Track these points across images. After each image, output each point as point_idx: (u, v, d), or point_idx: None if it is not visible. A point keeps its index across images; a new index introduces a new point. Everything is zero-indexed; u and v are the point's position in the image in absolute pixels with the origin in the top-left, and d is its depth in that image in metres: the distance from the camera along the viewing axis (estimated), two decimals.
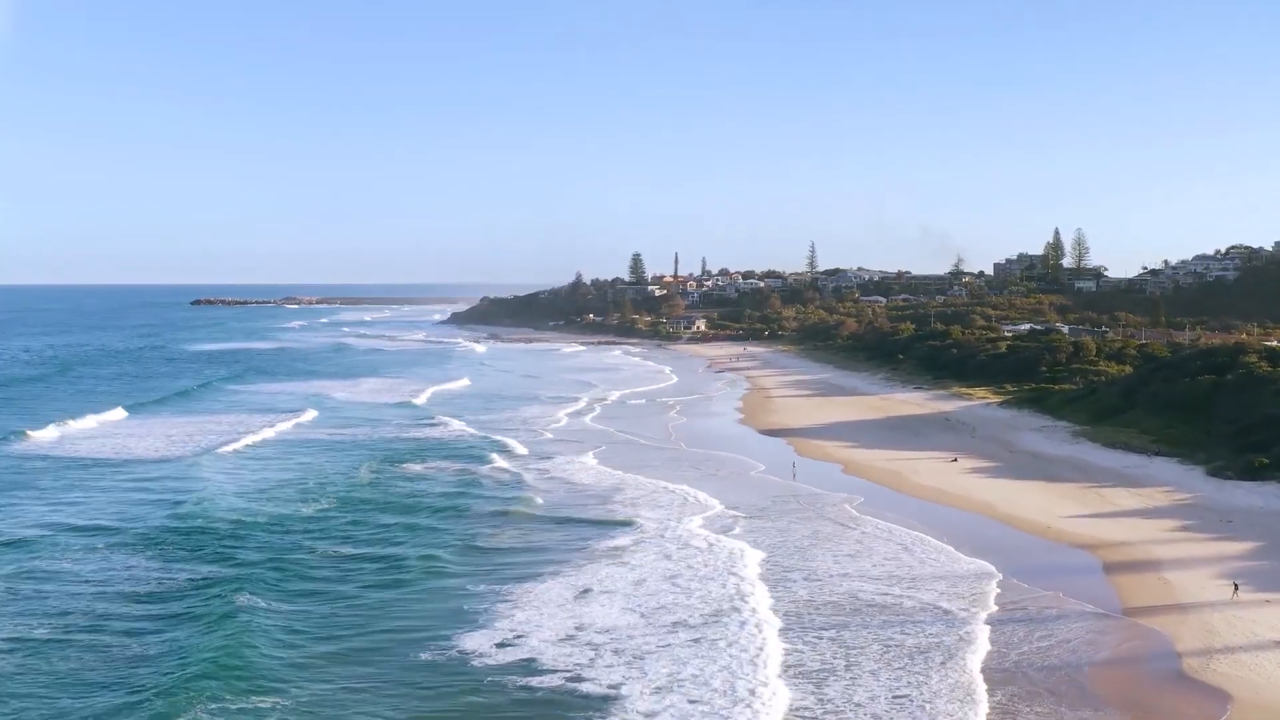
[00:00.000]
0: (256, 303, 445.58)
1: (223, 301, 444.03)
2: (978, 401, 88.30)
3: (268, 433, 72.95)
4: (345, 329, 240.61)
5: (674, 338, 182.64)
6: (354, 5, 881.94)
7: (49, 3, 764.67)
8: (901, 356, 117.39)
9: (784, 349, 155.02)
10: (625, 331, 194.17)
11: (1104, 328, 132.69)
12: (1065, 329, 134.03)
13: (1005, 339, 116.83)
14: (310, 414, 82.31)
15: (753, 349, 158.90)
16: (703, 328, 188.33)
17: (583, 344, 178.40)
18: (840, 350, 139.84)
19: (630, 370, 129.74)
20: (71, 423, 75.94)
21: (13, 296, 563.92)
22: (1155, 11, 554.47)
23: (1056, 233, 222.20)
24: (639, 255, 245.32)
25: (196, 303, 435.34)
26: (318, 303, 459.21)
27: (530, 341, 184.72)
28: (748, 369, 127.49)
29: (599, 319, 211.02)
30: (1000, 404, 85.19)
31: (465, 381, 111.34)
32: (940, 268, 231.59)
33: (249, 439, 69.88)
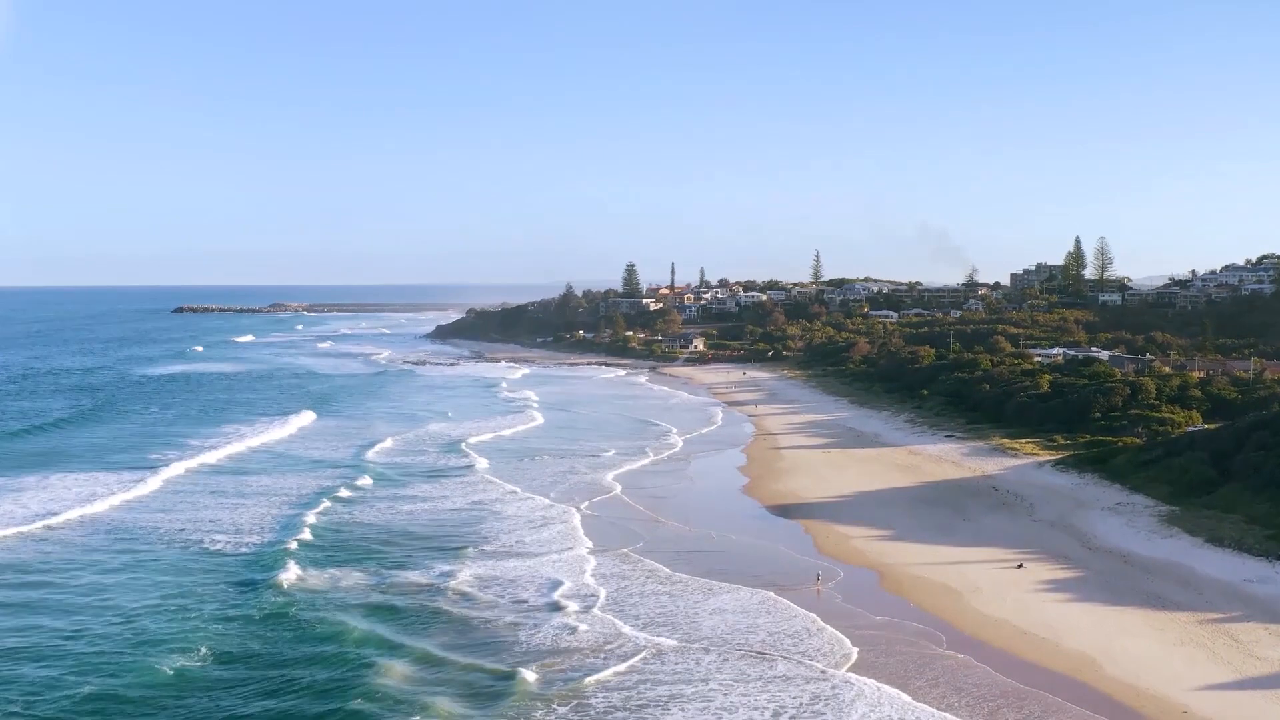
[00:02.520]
0: (241, 310, 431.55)
1: (205, 309, 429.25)
2: (1025, 459, 74.61)
3: (327, 503, 61.48)
4: (368, 345, 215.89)
5: (670, 359, 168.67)
6: (348, 6, 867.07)
7: (49, 3, 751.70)
8: (926, 392, 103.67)
9: (790, 374, 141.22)
10: (617, 351, 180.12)
11: (1148, 355, 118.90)
12: (1103, 354, 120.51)
13: (1042, 370, 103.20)
14: (366, 479, 69.03)
15: (755, 374, 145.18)
16: (701, 347, 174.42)
17: (578, 366, 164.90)
18: (853, 378, 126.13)
19: (679, 405, 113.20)
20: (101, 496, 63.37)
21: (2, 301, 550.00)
22: (1155, 13, 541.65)
23: (1077, 242, 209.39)
24: (633, 266, 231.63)
25: (179, 310, 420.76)
26: (305, 310, 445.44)
27: (514, 362, 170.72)
28: (751, 402, 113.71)
29: (589, 336, 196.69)
30: (1054, 464, 71.47)
31: (515, 429, 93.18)
32: (944, 271, 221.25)
33: (311, 518, 57.62)
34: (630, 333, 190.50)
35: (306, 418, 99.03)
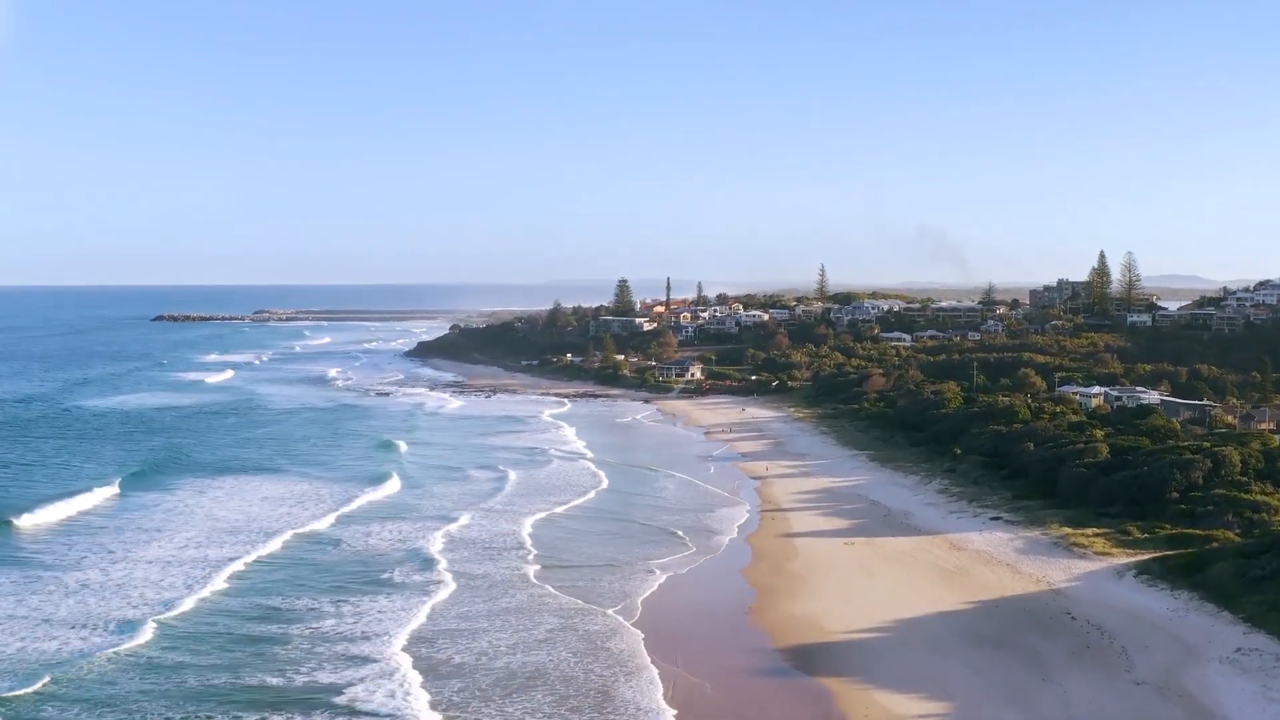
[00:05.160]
0: (224, 318, 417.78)
1: (186, 317, 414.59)
2: (1097, 561, 60.58)
3: (405, 641, 47.91)
4: (370, 373, 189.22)
5: (664, 388, 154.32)
6: (338, 7, 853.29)
7: (49, 2, 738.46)
8: (959, 451, 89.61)
9: (797, 414, 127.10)
10: (607, 378, 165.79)
11: (1205, 401, 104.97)
12: (1152, 397, 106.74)
13: (1093, 424, 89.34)
14: (444, 593, 55.29)
15: (756, 410, 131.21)
16: (698, 375, 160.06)
17: (565, 398, 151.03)
18: (870, 422, 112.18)
19: (692, 458, 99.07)
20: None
21: None
22: (1157, 10, 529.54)
23: (1102, 256, 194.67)
24: (625, 282, 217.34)
25: (158, 319, 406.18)
26: (290, 318, 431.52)
27: (495, 393, 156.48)
28: (755, 455, 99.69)
29: (577, 360, 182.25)
30: (1136, 573, 57.44)
31: (572, 502, 78.65)
32: (943, 271, 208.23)
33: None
34: (621, 357, 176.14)
35: (361, 488, 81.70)
